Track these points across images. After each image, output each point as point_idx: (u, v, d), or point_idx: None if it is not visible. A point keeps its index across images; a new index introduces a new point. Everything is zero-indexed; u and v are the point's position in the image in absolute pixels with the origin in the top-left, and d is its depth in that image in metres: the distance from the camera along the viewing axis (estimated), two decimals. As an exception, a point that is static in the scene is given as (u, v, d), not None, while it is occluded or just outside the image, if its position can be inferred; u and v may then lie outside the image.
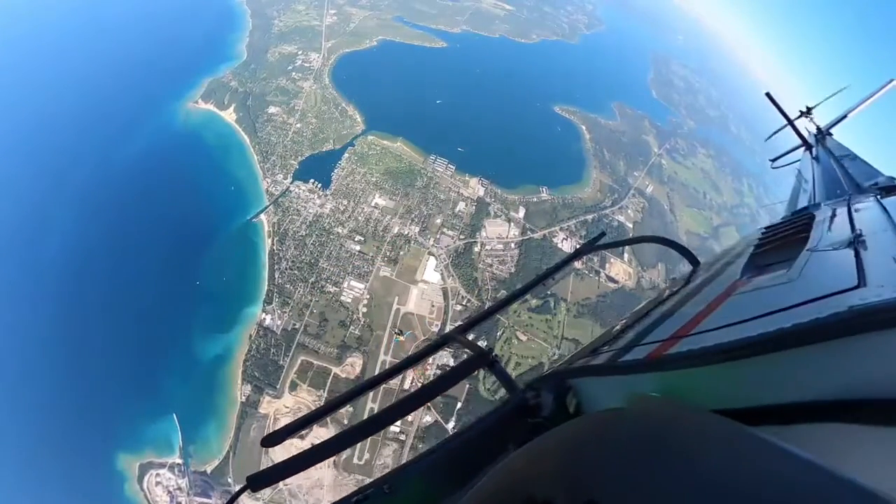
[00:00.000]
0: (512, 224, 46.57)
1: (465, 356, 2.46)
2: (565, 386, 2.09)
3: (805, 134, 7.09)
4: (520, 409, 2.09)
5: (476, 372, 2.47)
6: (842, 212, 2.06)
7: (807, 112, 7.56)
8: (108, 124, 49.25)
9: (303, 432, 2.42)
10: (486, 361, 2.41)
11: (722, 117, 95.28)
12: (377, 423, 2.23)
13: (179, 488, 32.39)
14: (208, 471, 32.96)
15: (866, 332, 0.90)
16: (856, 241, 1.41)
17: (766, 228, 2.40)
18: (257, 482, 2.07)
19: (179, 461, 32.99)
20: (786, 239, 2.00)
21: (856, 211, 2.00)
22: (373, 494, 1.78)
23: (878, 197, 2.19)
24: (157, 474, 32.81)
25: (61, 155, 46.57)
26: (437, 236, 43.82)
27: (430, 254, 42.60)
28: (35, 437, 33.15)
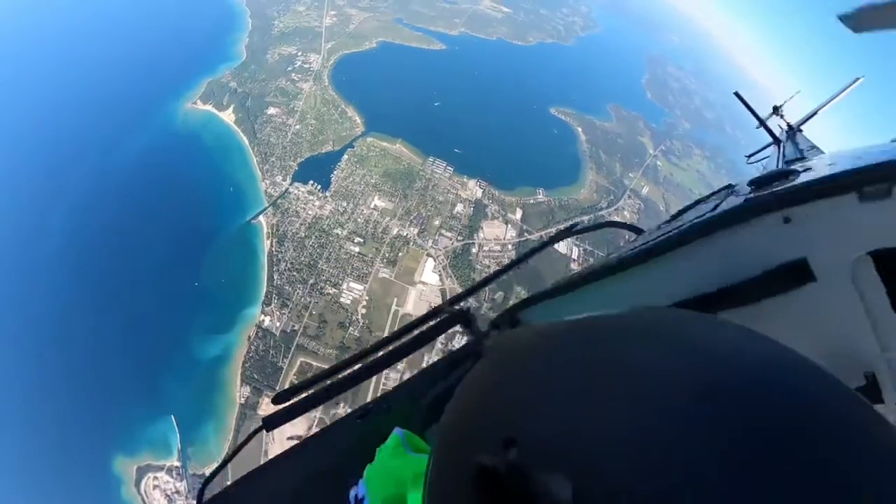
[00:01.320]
0: (509, 225, 46.89)
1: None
2: (517, 321, 2.27)
3: (777, 132, 7.41)
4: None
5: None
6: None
7: (777, 110, 7.84)
8: (106, 125, 49.01)
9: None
10: (463, 318, 2.57)
11: (717, 118, 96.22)
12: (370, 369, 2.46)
13: (177, 491, 32.26)
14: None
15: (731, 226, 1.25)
16: (733, 186, 1.73)
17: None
18: (273, 423, 2.13)
19: (178, 464, 32.83)
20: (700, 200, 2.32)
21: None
22: (373, 410, 2.01)
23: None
24: (155, 477, 32.64)
25: (59, 156, 46.35)
26: (436, 238, 44.03)
27: (429, 255, 42.80)
28: (30, 439, 32.91)
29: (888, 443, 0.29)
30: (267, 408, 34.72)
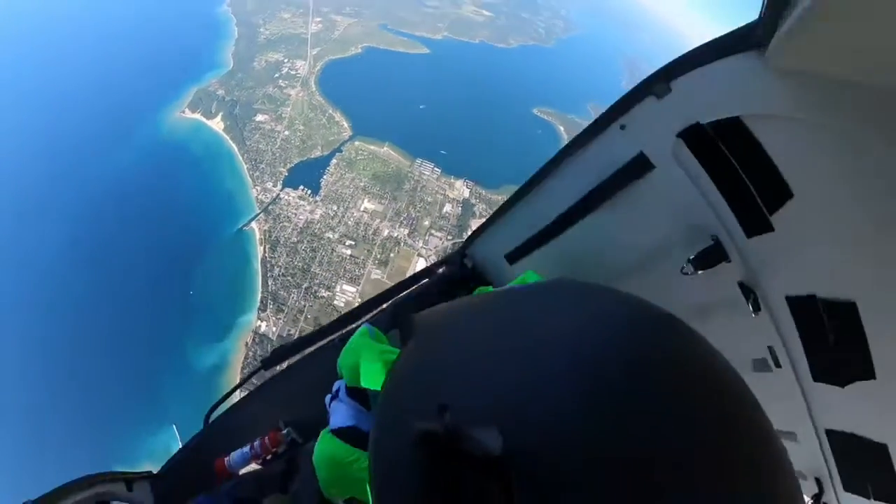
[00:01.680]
0: (497, 224, 48.10)
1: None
2: (464, 255, 2.82)
3: None
4: (463, 274, 2.87)
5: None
6: None
7: None
8: (94, 136, 48.46)
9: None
10: (430, 273, 2.99)
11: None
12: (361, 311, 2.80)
13: (180, 497, 32.40)
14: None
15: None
16: None
17: None
18: (269, 363, 2.53)
19: (179, 471, 32.98)
20: None
21: None
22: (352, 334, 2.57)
23: None
24: (157, 485, 32.78)
25: (46, 167, 45.75)
26: (426, 238, 44.91)
27: (420, 255, 43.64)
28: (29, 449, 32.75)
29: (721, 371, 0.40)
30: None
